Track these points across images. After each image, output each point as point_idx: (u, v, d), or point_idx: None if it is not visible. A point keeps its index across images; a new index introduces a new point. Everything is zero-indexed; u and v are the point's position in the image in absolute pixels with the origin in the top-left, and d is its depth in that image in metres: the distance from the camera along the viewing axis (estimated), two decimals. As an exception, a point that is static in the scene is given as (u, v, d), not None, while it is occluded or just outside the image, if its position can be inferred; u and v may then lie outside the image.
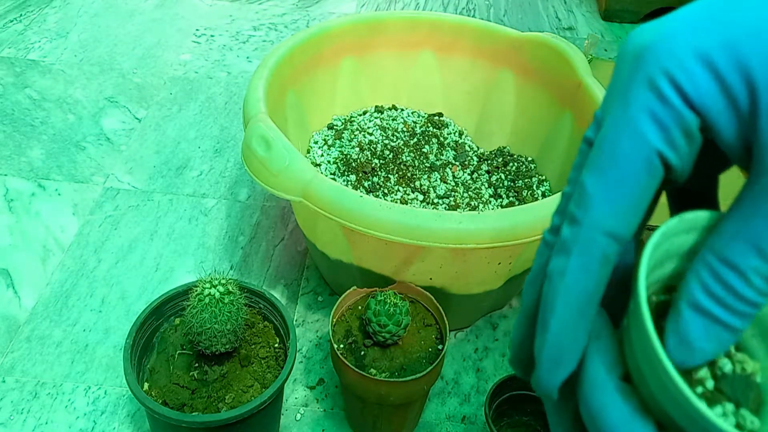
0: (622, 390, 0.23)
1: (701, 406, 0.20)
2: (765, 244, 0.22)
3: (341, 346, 0.69)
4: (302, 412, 0.77)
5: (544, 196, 0.92)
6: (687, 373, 0.23)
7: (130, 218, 0.98)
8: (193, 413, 0.63)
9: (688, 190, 0.27)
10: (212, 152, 1.11)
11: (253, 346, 0.69)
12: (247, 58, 1.34)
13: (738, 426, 0.22)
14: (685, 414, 0.21)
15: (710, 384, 0.23)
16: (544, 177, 0.95)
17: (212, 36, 1.40)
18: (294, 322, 0.79)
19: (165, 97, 1.22)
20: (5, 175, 1.04)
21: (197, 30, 1.41)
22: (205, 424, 0.60)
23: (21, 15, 1.41)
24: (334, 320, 0.71)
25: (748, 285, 0.22)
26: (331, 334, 0.68)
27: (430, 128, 1.01)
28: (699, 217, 0.24)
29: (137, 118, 1.17)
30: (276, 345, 0.69)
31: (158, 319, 0.69)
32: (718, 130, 0.22)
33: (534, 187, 0.93)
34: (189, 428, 0.62)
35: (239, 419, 0.61)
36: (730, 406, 0.22)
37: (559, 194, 0.71)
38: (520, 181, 0.94)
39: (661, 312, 0.25)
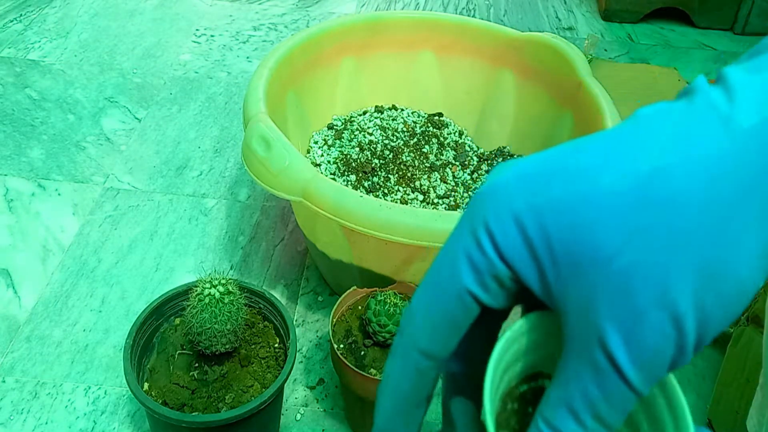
0: None
1: None
2: (579, 409, 0.23)
3: (341, 346, 0.69)
4: (302, 412, 0.77)
5: (544, 196, 0.92)
6: None
7: (130, 218, 0.98)
8: (193, 413, 0.63)
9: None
10: (212, 152, 1.11)
11: (253, 346, 0.68)
12: (247, 58, 1.34)
13: None
14: None
15: None
16: (544, 177, 0.95)
17: (212, 36, 1.40)
18: (294, 322, 0.79)
19: (165, 97, 1.22)
20: (5, 175, 1.04)
21: (197, 30, 1.41)
22: (205, 424, 0.60)
23: (21, 15, 1.41)
24: (334, 320, 0.71)
25: None
26: (331, 334, 0.68)
27: (430, 128, 1.01)
28: (543, 314, 0.26)
29: (137, 118, 1.17)
30: (276, 345, 0.69)
31: (158, 319, 0.69)
32: (528, 285, 0.24)
33: (534, 187, 0.93)
34: (189, 428, 0.62)
35: (239, 419, 0.61)
36: None
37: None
38: (520, 181, 0.93)
39: (529, 399, 0.27)
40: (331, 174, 0.92)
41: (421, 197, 0.90)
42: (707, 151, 0.22)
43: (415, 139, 0.99)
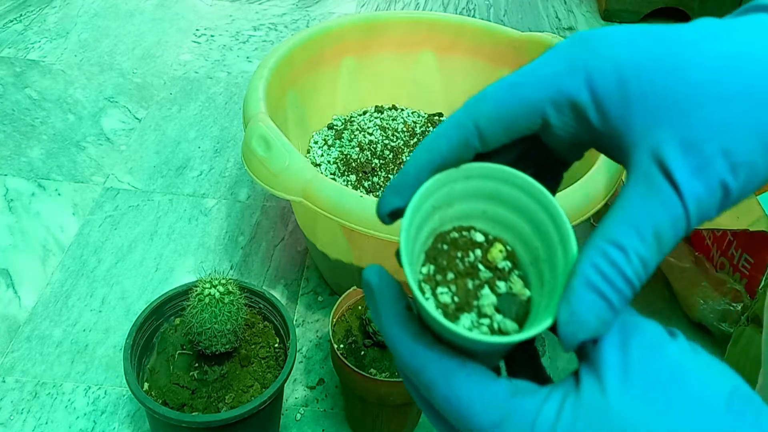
0: (403, 318, 0.29)
1: (442, 319, 0.26)
2: (642, 227, 0.26)
3: (341, 346, 0.69)
4: (302, 412, 0.77)
5: (544, 196, 0.92)
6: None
7: (130, 218, 0.98)
8: (193, 413, 0.63)
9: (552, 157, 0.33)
10: (212, 152, 1.11)
11: (253, 346, 0.68)
12: (247, 58, 1.34)
13: (490, 328, 0.28)
14: (438, 326, 0.27)
15: (492, 299, 0.29)
16: (544, 177, 0.95)
17: (212, 36, 1.40)
18: (294, 322, 0.79)
19: (165, 97, 1.22)
20: (5, 175, 1.04)
21: (197, 30, 1.41)
22: (205, 424, 0.60)
23: (21, 15, 1.41)
24: (334, 320, 0.71)
25: (629, 263, 0.26)
26: (331, 334, 0.68)
27: (431, 128, 1.01)
28: (487, 167, 0.30)
29: (137, 118, 1.17)
30: (276, 345, 0.69)
31: (158, 319, 0.69)
32: (599, 116, 0.28)
33: (534, 187, 0.93)
34: (189, 428, 0.62)
35: (239, 419, 0.61)
36: (473, 315, 0.28)
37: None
38: (520, 181, 0.93)
39: (460, 245, 0.30)
40: (331, 174, 0.92)
41: (421, 197, 0.90)
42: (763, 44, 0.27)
43: (415, 139, 0.99)
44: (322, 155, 0.95)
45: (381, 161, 0.94)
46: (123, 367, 0.64)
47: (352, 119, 1.02)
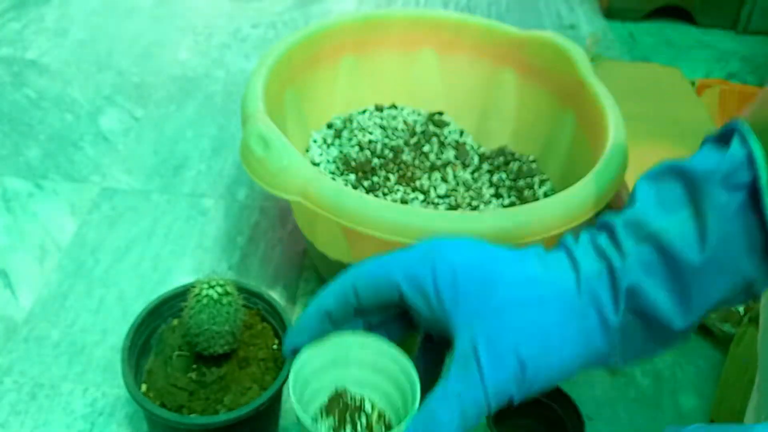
0: None
1: None
2: (452, 405, 0.35)
3: (341, 347, 0.68)
4: (301, 414, 0.76)
5: (545, 195, 0.91)
6: None
7: (127, 218, 0.97)
8: (192, 415, 0.62)
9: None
10: (210, 151, 1.10)
11: (251, 348, 0.68)
12: (246, 56, 1.33)
13: None
14: None
15: None
16: (546, 177, 0.95)
17: (210, 34, 1.39)
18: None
19: (163, 96, 1.21)
20: (2, 174, 1.03)
21: (195, 28, 1.41)
22: (203, 426, 0.60)
23: (19, 14, 1.40)
24: (334, 321, 0.70)
25: None
26: (330, 335, 0.68)
27: (431, 127, 1.01)
28: (347, 338, 0.42)
29: (135, 118, 1.16)
30: (274, 346, 0.69)
31: (156, 320, 0.69)
32: (437, 301, 0.38)
33: (536, 187, 0.92)
34: (187, 430, 0.61)
35: (238, 421, 0.60)
36: None
37: (560, 194, 0.71)
38: (522, 181, 0.93)
39: (347, 407, 0.41)
40: (330, 173, 0.92)
41: (421, 197, 0.90)
42: (561, 286, 0.38)
43: (416, 138, 0.98)
44: (321, 154, 0.95)
45: (381, 160, 0.93)
46: (121, 368, 0.63)
47: (352, 118, 1.01)
